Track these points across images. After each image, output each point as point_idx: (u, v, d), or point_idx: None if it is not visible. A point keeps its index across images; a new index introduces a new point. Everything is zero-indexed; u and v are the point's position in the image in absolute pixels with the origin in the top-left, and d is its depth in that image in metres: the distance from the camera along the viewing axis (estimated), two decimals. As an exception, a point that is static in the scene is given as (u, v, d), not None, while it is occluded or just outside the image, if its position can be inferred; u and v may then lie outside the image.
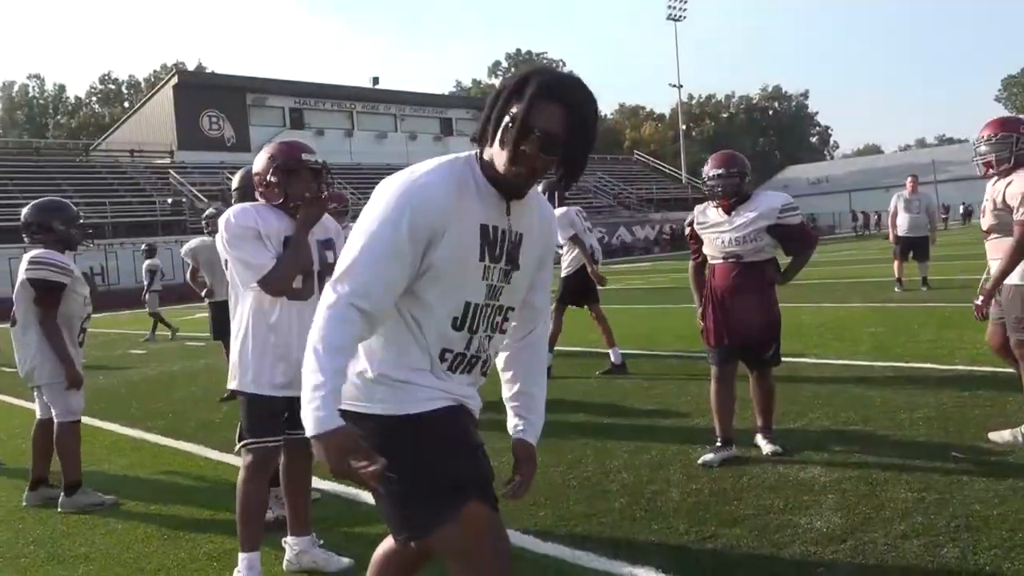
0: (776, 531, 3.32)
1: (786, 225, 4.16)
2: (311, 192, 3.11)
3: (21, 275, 4.35)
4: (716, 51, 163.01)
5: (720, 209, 4.26)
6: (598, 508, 3.77)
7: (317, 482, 3.77)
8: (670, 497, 3.85)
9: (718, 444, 4.35)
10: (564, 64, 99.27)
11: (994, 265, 4.21)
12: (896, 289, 12.26)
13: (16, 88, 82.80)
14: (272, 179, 3.12)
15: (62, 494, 4.41)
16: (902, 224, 12.31)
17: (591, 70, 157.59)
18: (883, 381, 6.00)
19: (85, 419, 6.70)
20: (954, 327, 8.25)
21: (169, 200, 34.61)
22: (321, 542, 3.36)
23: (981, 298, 4.22)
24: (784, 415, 5.15)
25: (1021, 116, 4.55)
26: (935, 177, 70.23)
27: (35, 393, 4.66)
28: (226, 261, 3.13)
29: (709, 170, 4.24)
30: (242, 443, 3.20)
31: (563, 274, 7.45)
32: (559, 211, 7.62)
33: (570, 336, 10.60)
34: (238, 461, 3.98)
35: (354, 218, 6.53)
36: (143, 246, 16.52)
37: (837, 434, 4.70)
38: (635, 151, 70.41)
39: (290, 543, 3.32)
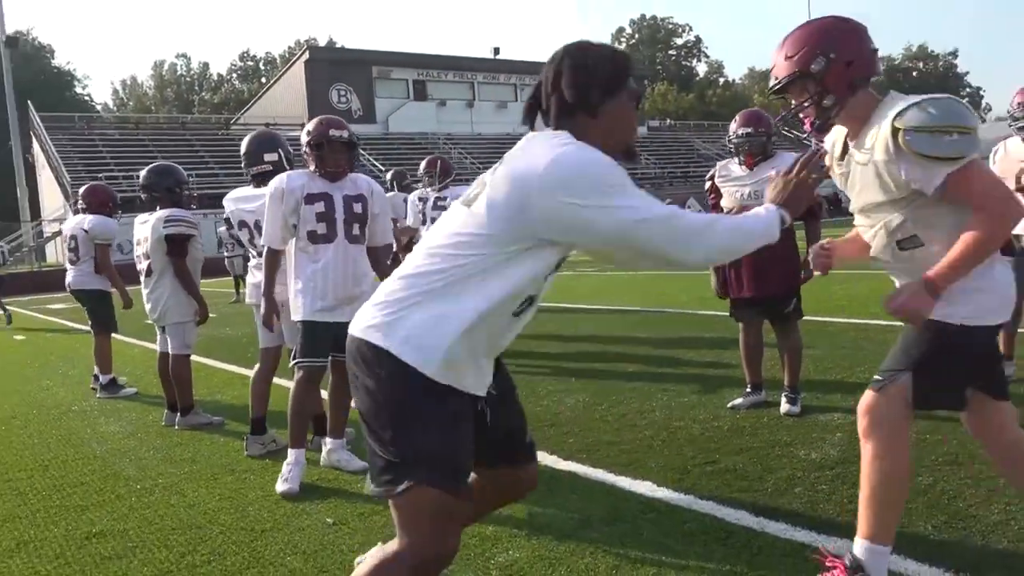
0: (773, 460, 3.67)
1: None
2: (336, 163, 3.90)
3: (157, 232, 5.15)
4: (853, 10, 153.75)
5: (743, 165, 4.51)
6: (623, 438, 4.20)
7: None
8: (691, 432, 4.23)
9: (747, 390, 4.67)
10: (691, 29, 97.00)
11: None
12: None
13: (166, 67, 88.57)
14: (306, 151, 3.91)
15: (178, 415, 5.22)
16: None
17: (718, 33, 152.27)
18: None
19: (207, 360, 7.67)
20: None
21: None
22: (349, 447, 4.10)
23: None
24: (832, 368, 5.39)
25: None
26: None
27: (159, 332, 5.48)
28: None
29: (737, 128, 4.49)
30: (295, 362, 3.91)
31: None
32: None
33: (646, 298, 10.93)
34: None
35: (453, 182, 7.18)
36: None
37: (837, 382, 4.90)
38: (762, 117, 68.14)
39: (327, 443, 4.08)
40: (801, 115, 2.41)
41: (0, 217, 37.46)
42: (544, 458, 3.95)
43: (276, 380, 4.63)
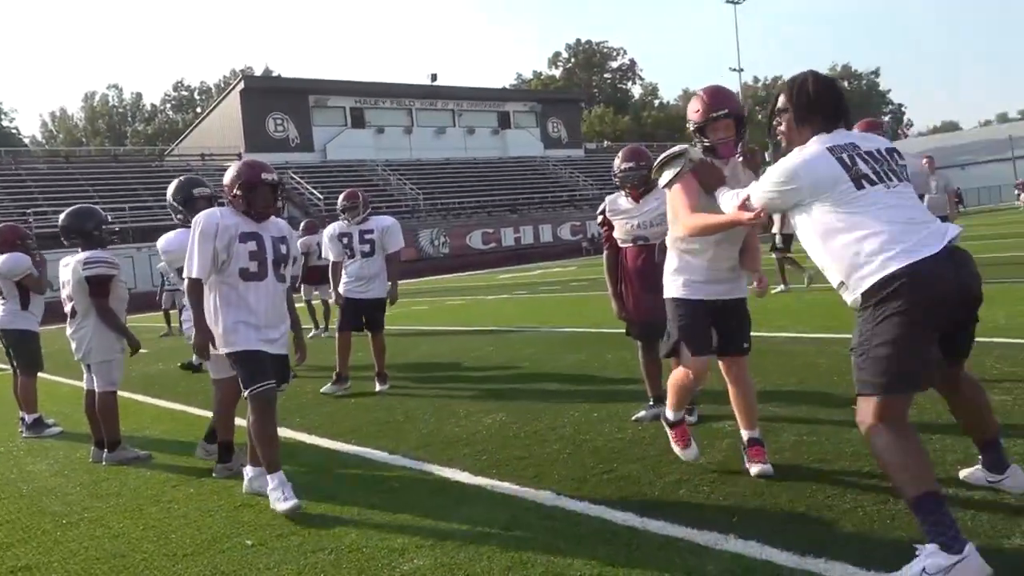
0: (666, 466, 3.98)
1: None
2: (266, 205, 4.10)
3: (77, 275, 5.29)
4: (781, 32, 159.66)
5: (630, 198, 4.86)
6: (532, 453, 4.47)
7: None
8: (595, 444, 4.52)
9: (650, 403, 4.98)
10: (625, 52, 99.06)
11: None
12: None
13: (97, 98, 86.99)
14: (238, 192, 4.05)
15: (104, 451, 5.33)
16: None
17: (652, 56, 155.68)
18: (839, 352, 6.48)
19: (137, 396, 7.73)
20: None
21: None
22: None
23: None
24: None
25: None
26: (1012, 153, 67.92)
27: (85, 370, 5.58)
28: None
29: (621, 163, 4.85)
30: (247, 392, 4.02)
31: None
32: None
33: (572, 318, 11.27)
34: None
35: (374, 212, 7.26)
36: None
37: (767, 393, 5.28)
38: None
39: (247, 472, 4.25)
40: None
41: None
42: (456, 475, 4.21)
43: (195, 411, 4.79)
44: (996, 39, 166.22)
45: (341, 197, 7.29)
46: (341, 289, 7.19)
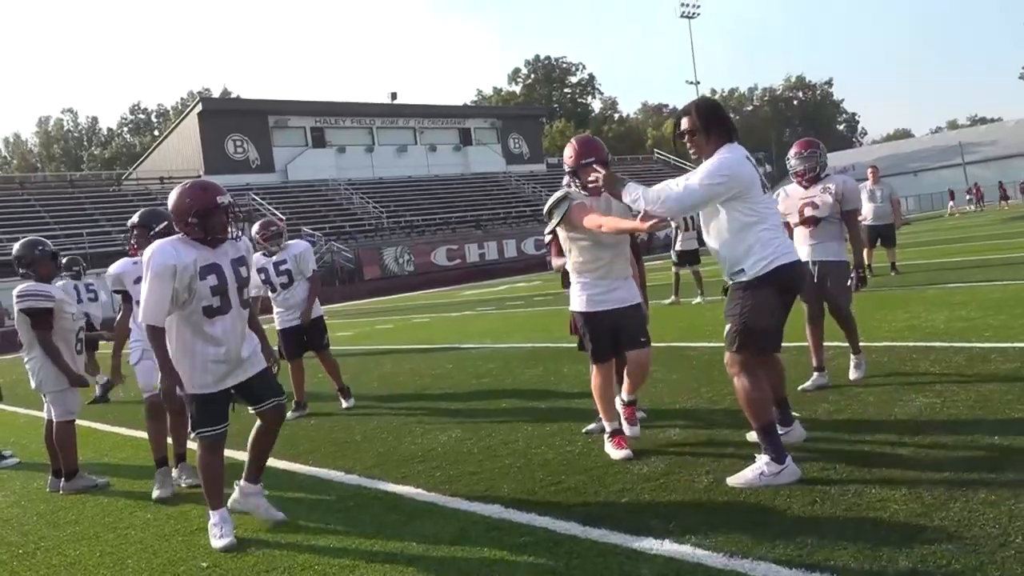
0: (611, 476, 4.13)
1: None
2: (223, 229, 3.92)
3: (15, 307, 5.34)
4: (736, 45, 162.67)
5: None
6: (484, 468, 4.60)
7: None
8: (545, 457, 4.66)
9: (600, 416, 5.13)
10: (584, 67, 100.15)
11: None
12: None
13: (52, 123, 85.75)
14: (193, 220, 3.83)
15: (62, 480, 5.35)
16: (867, 214, 12.92)
17: (611, 71, 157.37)
18: (796, 360, 6.70)
19: (96, 424, 7.71)
20: (887, 308, 8.92)
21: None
22: (267, 493, 4.22)
23: None
24: (681, 390, 5.93)
25: None
26: (963, 159, 69.77)
27: (44, 400, 5.61)
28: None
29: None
30: (195, 433, 3.99)
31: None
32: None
33: (532, 334, 11.42)
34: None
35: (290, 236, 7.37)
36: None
37: (712, 403, 5.47)
38: (656, 150, 70.91)
39: (241, 486, 4.15)
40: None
41: None
42: (409, 492, 4.33)
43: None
44: (947, 48, 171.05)
45: (259, 227, 7.32)
46: (275, 321, 7.26)
